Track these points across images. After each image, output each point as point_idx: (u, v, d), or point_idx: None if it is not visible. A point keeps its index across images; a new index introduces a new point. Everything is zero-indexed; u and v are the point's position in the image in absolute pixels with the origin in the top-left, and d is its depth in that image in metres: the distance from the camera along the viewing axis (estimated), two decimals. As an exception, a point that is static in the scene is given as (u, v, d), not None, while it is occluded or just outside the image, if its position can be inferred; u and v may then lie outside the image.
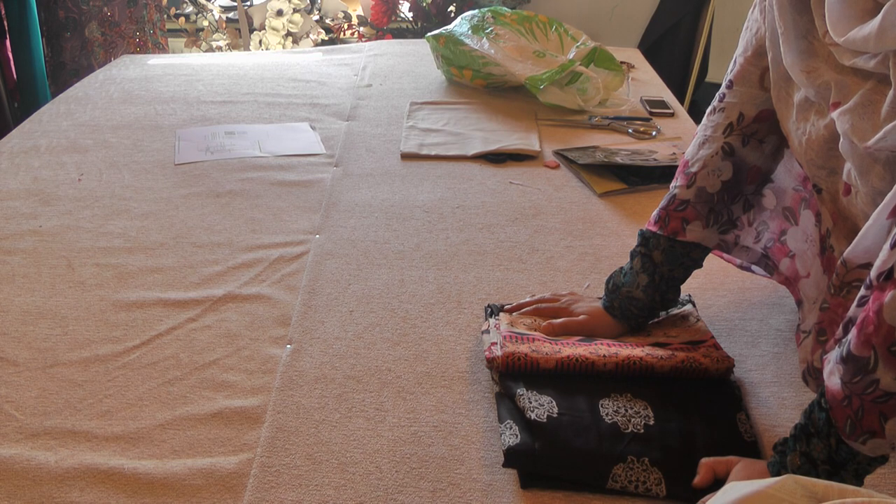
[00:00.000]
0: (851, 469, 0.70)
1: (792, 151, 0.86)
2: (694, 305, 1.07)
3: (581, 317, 1.01)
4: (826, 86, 0.73)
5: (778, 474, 0.74)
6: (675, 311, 1.05)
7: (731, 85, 0.92)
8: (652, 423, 0.86)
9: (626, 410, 0.87)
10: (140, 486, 0.81)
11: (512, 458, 0.81)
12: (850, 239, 0.75)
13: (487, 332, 1.01)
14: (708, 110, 0.96)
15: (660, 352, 0.93)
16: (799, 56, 0.75)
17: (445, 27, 1.98)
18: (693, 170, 0.95)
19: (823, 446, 0.70)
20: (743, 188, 0.95)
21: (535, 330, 1.00)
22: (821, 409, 0.70)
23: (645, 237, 0.99)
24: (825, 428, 0.70)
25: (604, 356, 0.92)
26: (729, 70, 0.93)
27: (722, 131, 0.93)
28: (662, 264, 0.97)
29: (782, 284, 1.01)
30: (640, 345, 0.96)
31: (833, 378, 0.68)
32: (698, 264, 0.99)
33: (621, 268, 1.02)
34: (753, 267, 1.07)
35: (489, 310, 1.06)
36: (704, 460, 0.81)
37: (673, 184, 0.98)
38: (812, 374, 0.84)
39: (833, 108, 0.72)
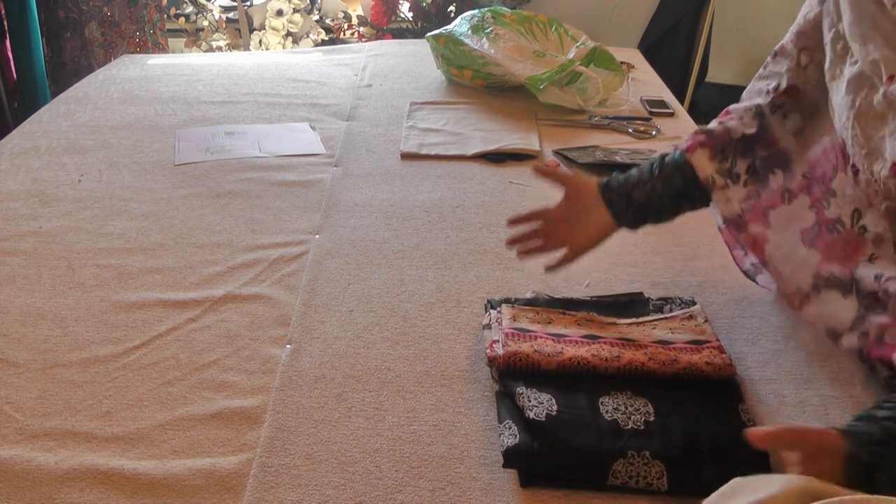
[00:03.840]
0: None
1: (837, 129, 0.87)
2: (702, 309, 1.06)
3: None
4: (886, 59, 0.74)
5: (858, 450, 0.68)
6: (679, 311, 1.04)
7: (775, 55, 0.98)
8: (652, 419, 0.86)
9: (627, 408, 0.87)
10: (140, 487, 0.81)
11: (511, 458, 0.81)
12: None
13: (489, 326, 1.01)
14: (755, 75, 1.02)
15: (662, 356, 0.92)
16: (860, 29, 0.77)
17: (445, 27, 1.98)
18: (728, 116, 1.01)
19: None
20: (756, 150, 0.98)
21: (538, 323, 1.00)
22: None
23: (662, 154, 1.04)
24: None
25: (606, 359, 0.92)
26: (783, 39, 0.98)
27: (761, 95, 0.98)
28: (670, 177, 1.01)
29: (748, 246, 1.00)
30: (643, 344, 0.95)
31: None
32: (697, 202, 1.03)
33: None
34: (758, 277, 1.09)
35: (489, 304, 1.06)
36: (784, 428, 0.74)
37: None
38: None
39: (889, 81, 0.73)
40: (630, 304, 1.07)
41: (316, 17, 3.09)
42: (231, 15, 3.10)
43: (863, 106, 0.79)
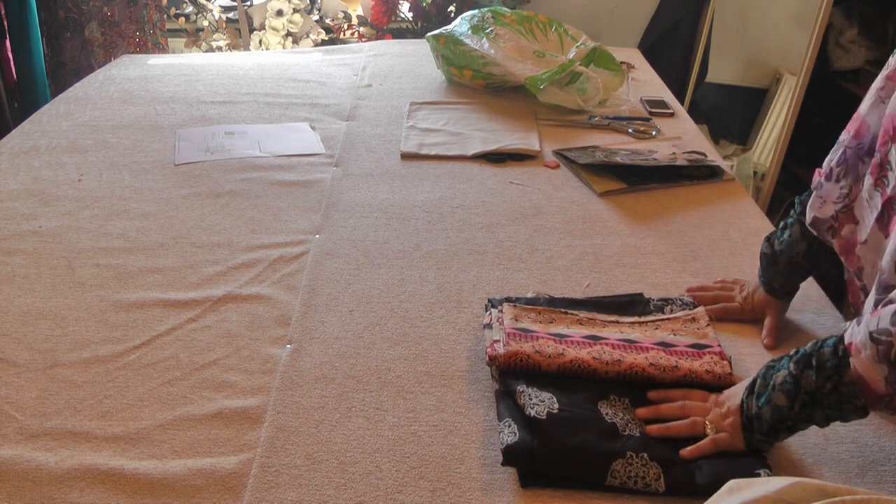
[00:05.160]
0: (825, 413, 0.76)
1: None
2: (705, 312, 1.06)
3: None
4: None
5: (752, 386, 0.82)
6: (681, 313, 1.04)
7: None
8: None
9: (624, 415, 0.87)
10: (140, 487, 0.81)
11: (510, 455, 0.81)
12: None
13: (490, 326, 1.00)
14: None
15: (663, 362, 0.92)
16: None
17: (445, 27, 1.98)
18: None
19: (815, 381, 0.75)
20: (847, 140, 0.95)
21: (539, 323, 1.00)
22: (835, 355, 0.73)
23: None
24: (829, 371, 0.74)
25: (607, 363, 0.92)
26: None
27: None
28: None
29: (840, 253, 0.95)
30: (645, 347, 0.95)
31: (864, 356, 0.71)
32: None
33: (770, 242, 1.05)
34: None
35: (490, 303, 1.06)
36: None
37: None
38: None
39: None
40: (630, 305, 1.07)
41: (316, 17, 3.08)
42: (231, 15, 3.09)
43: None
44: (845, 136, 0.93)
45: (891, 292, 0.77)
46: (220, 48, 3.06)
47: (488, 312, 1.03)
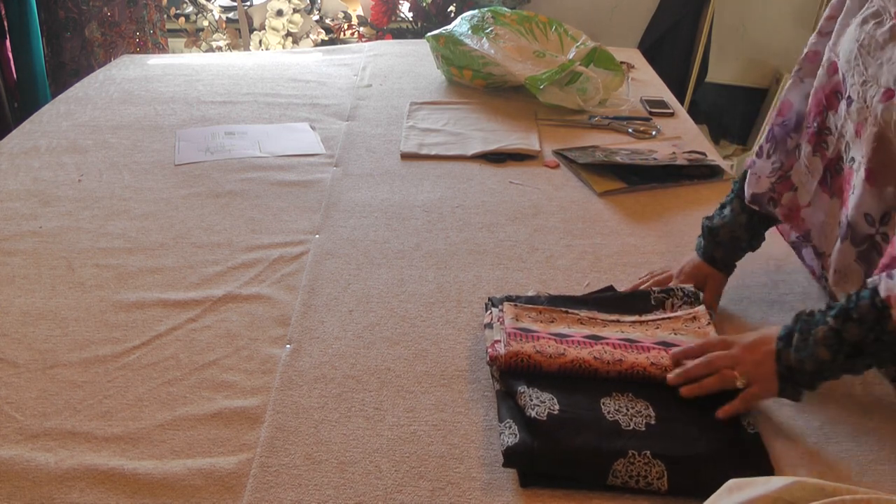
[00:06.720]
0: (865, 362, 0.81)
1: (839, 67, 0.92)
2: (705, 310, 1.05)
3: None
4: None
5: (788, 338, 0.84)
6: (682, 311, 1.04)
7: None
8: (654, 422, 0.86)
9: (628, 409, 0.87)
10: (140, 487, 0.81)
11: (511, 457, 0.81)
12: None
13: (490, 326, 1.00)
14: None
15: (664, 361, 0.92)
16: None
17: (445, 27, 1.98)
18: None
19: (859, 332, 0.78)
20: (774, 118, 1.04)
21: (540, 322, 1.00)
22: (874, 307, 0.77)
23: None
24: (871, 322, 0.77)
25: (608, 362, 0.92)
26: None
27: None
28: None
29: (785, 220, 1.04)
30: (646, 347, 0.95)
31: None
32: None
33: (710, 218, 1.11)
34: (804, 252, 1.15)
35: (490, 302, 1.06)
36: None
37: None
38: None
39: None
40: (631, 298, 1.07)
41: (316, 17, 3.08)
42: (231, 15, 3.09)
43: (867, 38, 0.85)
44: (770, 122, 1.04)
45: (867, 243, 0.87)
46: (220, 48, 3.06)
47: (489, 312, 1.03)
